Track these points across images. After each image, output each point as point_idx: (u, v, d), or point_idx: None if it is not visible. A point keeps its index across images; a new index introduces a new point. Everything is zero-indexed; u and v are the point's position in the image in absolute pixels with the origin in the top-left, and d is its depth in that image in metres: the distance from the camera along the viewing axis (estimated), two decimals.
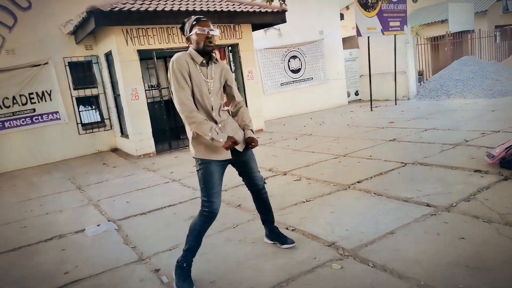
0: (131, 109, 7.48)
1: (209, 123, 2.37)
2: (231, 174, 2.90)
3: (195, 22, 2.44)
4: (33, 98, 7.97)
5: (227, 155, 2.49)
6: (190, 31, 2.45)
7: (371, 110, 10.42)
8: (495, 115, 7.33)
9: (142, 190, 5.09)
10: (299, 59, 11.74)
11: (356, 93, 13.61)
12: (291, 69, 11.59)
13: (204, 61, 2.45)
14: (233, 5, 8.15)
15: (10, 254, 3.39)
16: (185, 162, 6.64)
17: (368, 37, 10.14)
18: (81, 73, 8.52)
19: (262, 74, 10.93)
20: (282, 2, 6.75)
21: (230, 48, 8.83)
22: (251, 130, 2.63)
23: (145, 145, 7.67)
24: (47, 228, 4.00)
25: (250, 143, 2.55)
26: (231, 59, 9.10)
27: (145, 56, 7.80)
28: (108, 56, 8.04)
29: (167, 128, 7.93)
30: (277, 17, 8.67)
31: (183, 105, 2.36)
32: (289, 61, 11.53)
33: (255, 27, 9.14)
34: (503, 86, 10.42)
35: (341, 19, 13.02)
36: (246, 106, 3.06)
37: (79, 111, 8.59)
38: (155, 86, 8.89)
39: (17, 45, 7.81)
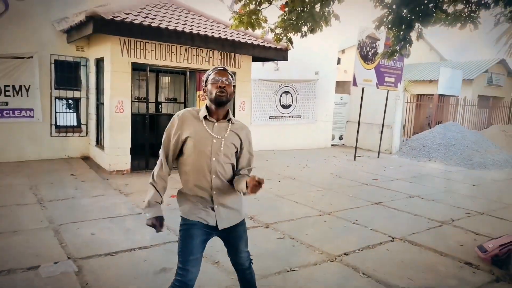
0: (113, 121, 7.05)
1: (155, 192, 2.19)
2: None
3: (211, 72, 2.23)
4: (8, 90, 7.40)
5: (212, 220, 2.20)
6: (206, 81, 2.23)
7: (354, 160, 10.38)
8: (477, 191, 7.39)
9: (110, 220, 4.65)
10: (291, 96, 11.67)
11: (340, 138, 13.65)
12: (282, 104, 11.48)
13: (207, 116, 2.19)
14: (237, 34, 7.99)
15: None
16: None
17: (363, 88, 10.21)
18: (66, 73, 8.03)
19: (252, 104, 10.74)
20: (289, 44, 6.63)
21: None
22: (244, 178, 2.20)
23: (120, 161, 7.21)
24: None
25: (255, 183, 2.00)
26: None
27: (137, 67, 7.41)
28: (99, 62, 7.63)
29: (147, 145, 7.52)
30: (280, 54, 8.57)
31: (158, 163, 2.25)
32: (281, 95, 11.43)
33: (255, 59, 8.99)
34: (482, 158, 10.68)
35: (338, 63, 13.16)
36: None
37: (55, 112, 8.05)
38: (142, 99, 8.50)
39: (3, 33, 7.29)
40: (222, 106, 2.20)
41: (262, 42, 8.15)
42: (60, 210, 4.92)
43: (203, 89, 2.27)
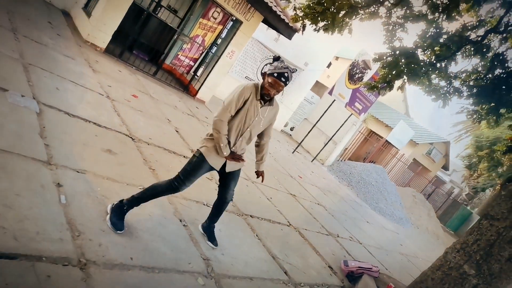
0: None
1: (225, 139, 2.81)
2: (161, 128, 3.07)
3: (276, 75, 2.75)
4: None
5: (218, 166, 2.90)
6: (266, 74, 2.82)
7: (293, 153, 11.28)
8: (367, 226, 8.65)
9: (75, 85, 4.88)
10: None
11: (291, 129, 14.50)
12: (262, 71, 11.89)
13: (260, 99, 2.84)
14: None
15: None
16: (127, 83, 6.48)
17: (334, 100, 11.00)
18: None
19: (239, 58, 11.03)
20: (301, 29, 7.06)
21: (233, 20, 8.80)
22: (262, 165, 3.27)
23: (100, 37, 7.21)
24: None
25: (260, 175, 3.31)
26: (226, 27, 9.08)
27: None
28: None
29: (130, 38, 7.58)
30: (287, 31, 8.92)
31: (220, 113, 2.77)
32: (265, 64, 11.82)
33: (264, 21, 9.24)
34: (386, 206, 12.20)
35: (327, 66, 13.81)
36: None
37: None
38: None
39: None
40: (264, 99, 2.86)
41: (280, 11, 8.43)
42: (32, 50, 5.01)
43: (262, 73, 2.92)
